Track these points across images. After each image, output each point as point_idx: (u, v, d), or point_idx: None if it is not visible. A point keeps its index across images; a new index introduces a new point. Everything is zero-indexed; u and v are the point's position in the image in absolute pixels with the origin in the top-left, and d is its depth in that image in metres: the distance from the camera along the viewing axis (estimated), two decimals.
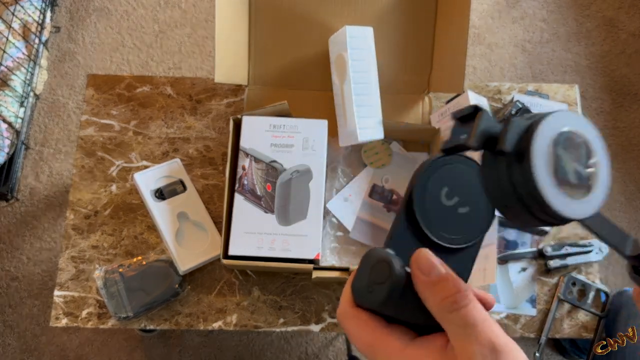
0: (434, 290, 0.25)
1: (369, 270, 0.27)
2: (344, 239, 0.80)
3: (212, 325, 0.76)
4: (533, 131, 0.22)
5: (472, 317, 0.24)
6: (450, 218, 0.29)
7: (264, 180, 0.75)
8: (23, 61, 1.43)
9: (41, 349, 1.31)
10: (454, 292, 0.24)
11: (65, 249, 0.79)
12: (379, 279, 0.26)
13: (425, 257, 0.26)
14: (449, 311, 0.24)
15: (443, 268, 0.25)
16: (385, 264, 0.26)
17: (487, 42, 1.65)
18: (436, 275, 0.25)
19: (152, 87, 0.88)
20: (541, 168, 0.22)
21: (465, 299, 0.24)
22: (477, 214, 0.29)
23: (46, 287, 1.35)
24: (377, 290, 0.26)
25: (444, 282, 0.25)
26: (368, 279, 0.26)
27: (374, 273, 0.26)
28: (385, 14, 0.83)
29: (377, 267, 0.26)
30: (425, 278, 0.25)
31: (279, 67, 0.85)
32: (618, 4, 1.68)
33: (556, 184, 0.22)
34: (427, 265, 0.25)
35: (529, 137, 0.22)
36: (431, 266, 0.25)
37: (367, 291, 0.26)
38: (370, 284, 0.26)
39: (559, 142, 0.23)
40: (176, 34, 1.61)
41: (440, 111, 0.84)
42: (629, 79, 1.61)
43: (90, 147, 0.85)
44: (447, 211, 0.29)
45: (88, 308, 0.76)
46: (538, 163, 0.22)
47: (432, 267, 0.25)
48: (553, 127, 0.23)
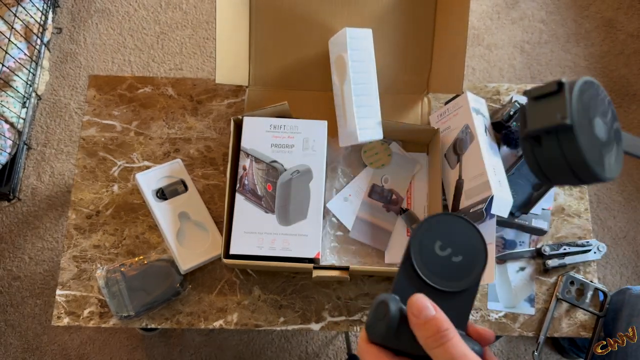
0: (422, 329, 0.30)
1: (374, 311, 0.32)
2: (344, 239, 0.80)
3: (213, 325, 0.77)
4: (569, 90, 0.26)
5: (451, 352, 0.29)
6: (446, 266, 0.34)
7: (265, 180, 0.75)
8: (25, 62, 1.44)
9: (43, 348, 1.32)
10: (437, 330, 0.30)
11: (67, 249, 0.80)
12: (379, 316, 0.31)
13: (417, 301, 0.31)
14: (434, 347, 0.30)
15: (432, 310, 0.30)
16: (384, 304, 0.31)
17: (486, 43, 1.65)
18: (424, 317, 0.30)
19: (154, 88, 0.89)
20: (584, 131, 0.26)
21: (446, 337, 0.29)
22: (470, 261, 0.34)
23: (48, 287, 1.36)
24: (378, 326, 0.31)
25: (430, 322, 0.30)
26: (372, 317, 0.32)
27: (376, 312, 0.32)
28: (385, 14, 0.84)
29: (379, 307, 0.32)
30: (416, 319, 0.31)
31: (279, 68, 0.86)
32: (617, 5, 1.69)
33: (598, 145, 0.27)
34: (418, 308, 0.31)
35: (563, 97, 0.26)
36: (421, 309, 0.30)
37: (373, 327, 0.32)
38: (374, 321, 0.32)
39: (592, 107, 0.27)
40: (177, 35, 1.61)
41: (440, 112, 0.85)
42: (628, 80, 1.61)
43: (92, 148, 0.85)
44: (442, 260, 0.34)
45: (90, 307, 0.77)
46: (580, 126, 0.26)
47: (422, 309, 0.30)
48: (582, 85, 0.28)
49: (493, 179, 0.72)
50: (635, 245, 1.46)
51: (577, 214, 0.85)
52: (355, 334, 1.34)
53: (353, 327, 0.78)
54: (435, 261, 0.34)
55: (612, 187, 1.52)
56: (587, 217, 0.85)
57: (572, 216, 0.85)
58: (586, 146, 0.27)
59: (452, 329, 0.30)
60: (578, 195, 0.86)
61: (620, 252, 1.45)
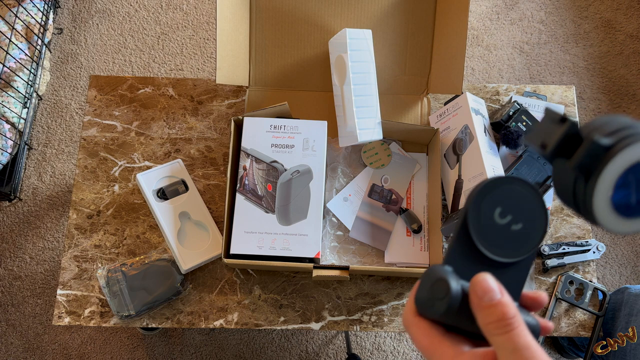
0: (484, 313, 0.28)
1: (430, 287, 0.30)
2: (344, 238, 0.81)
3: (214, 324, 0.77)
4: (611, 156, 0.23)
5: (515, 342, 0.27)
6: (504, 235, 0.31)
7: (265, 181, 0.76)
8: (26, 62, 1.44)
9: (44, 348, 1.32)
10: (501, 317, 0.27)
11: (68, 249, 0.80)
12: (438, 295, 0.29)
13: (482, 282, 0.28)
14: (496, 334, 0.27)
15: (498, 294, 0.28)
16: (444, 283, 0.29)
17: (485, 44, 1.66)
18: (488, 300, 0.28)
19: (154, 88, 0.89)
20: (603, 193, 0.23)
21: (511, 325, 0.27)
22: (530, 229, 0.31)
23: (49, 286, 1.36)
24: (437, 305, 0.29)
25: (494, 307, 0.28)
26: (429, 295, 0.30)
27: (434, 290, 0.29)
28: (385, 15, 0.84)
29: (437, 284, 0.29)
30: (479, 301, 0.28)
31: (279, 68, 0.86)
32: (616, 6, 1.69)
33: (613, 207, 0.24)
34: (482, 290, 0.28)
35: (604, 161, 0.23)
36: (485, 291, 0.28)
37: (428, 304, 0.30)
38: (430, 298, 0.30)
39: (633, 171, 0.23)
40: (178, 36, 1.62)
41: (439, 112, 0.85)
42: (627, 80, 1.62)
43: (93, 148, 0.86)
44: (501, 229, 0.31)
45: (90, 307, 0.77)
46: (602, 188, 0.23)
47: (487, 292, 0.28)
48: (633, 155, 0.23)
49: None
50: (634, 245, 1.46)
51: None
52: (355, 333, 1.35)
53: (353, 326, 0.78)
54: (494, 230, 0.31)
55: None
56: None
57: (571, 216, 0.86)
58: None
59: (518, 316, 0.27)
60: None
61: (619, 251, 1.46)
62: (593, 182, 0.24)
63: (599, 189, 0.24)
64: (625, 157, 0.23)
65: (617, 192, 0.24)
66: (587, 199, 0.24)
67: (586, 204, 0.25)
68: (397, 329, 0.78)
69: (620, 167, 0.23)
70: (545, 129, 0.26)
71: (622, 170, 0.23)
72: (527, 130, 0.81)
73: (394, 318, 0.79)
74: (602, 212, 0.25)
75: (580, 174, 0.24)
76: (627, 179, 0.23)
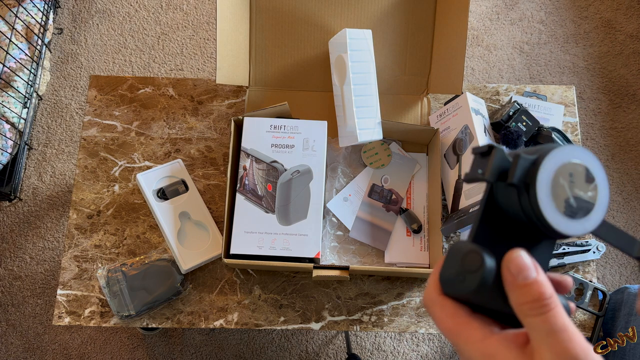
0: (519, 292, 0.26)
1: (460, 261, 0.28)
2: (344, 238, 0.81)
3: (214, 324, 0.77)
4: (538, 166, 0.26)
5: (552, 323, 0.25)
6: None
7: (265, 181, 0.76)
8: (26, 62, 1.44)
9: (44, 348, 1.33)
10: (537, 297, 0.25)
11: (68, 249, 0.80)
12: (471, 268, 0.27)
13: (517, 258, 0.26)
14: (531, 315, 0.25)
15: (534, 272, 0.26)
16: (476, 255, 0.27)
17: (485, 44, 1.66)
18: (523, 278, 0.26)
19: (154, 89, 0.89)
20: (545, 198, 0.26)
21: (548, 306, 0.25)
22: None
23: (49, 286, 1.36)
24: (469, 279, 0.27)
25: (530, 286, 0.26)
26: (458, 269, 0.28)
27: (466, 262, 0.27)
28: (385, 16, 0.84)
29: (469, 257, 0.27)
30: (513, 279, 0.26)
31: (279, 68, 0.86)
32: (616, 6, 1.69)
33: (559, 210, 0.26)
34: (517, 267, 0.26)
35: (534, 172, 0.26)
36: (520, 269, 0.26)
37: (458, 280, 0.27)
38: (461, 272, 0.27)
39: (560, 174, 0.26)
40: (178, 36, 1.62)
41: (439, 112, 0.85)
42: (627, 80, 1.62)
43: (93, 148, 0.86)
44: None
45: (91, 307, 0.77)
46: (542, 194, 0.26)
47: (521, 270, 0.26)
48: (556, 160, 0.26)
49: None
50: None
51: None
52: (355, 333, 1.35)
53: (353, 326, 0.78)
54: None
55: (611, 188, 1.52)
56: None
57: None
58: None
59: (555, 296, 0.25)
60: None
61: (619, 252, 1.46)
62: (534, 190, 0.26)
63: (540, 195, 0.26)
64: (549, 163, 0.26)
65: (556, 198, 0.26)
66: (534, 207, 0.26)
67: (535, 212, 0.26)
68: (397, 329, 0.78)
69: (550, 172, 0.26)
70: (479, 163, 0.28)
71: (552, 175, 0.26)
72: (527, 130, 0.81)
73: (394, 318, 0.79)
74: (552, 215, 0.26)
75: (521, 187, 0.26)
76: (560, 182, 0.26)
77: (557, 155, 0.26)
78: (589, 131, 1.58)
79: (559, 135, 0.80)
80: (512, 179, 0.26)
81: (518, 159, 0.26)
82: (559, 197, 0.26)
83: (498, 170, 0.27)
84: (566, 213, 0.26)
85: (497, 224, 0.29)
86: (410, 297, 0.80)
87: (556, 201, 0.26)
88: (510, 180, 0.26)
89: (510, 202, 0.28)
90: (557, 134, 0.80)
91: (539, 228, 0.27)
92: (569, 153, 0.27)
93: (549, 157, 0.26)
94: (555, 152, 0.26)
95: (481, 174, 0.27)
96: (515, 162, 0.26)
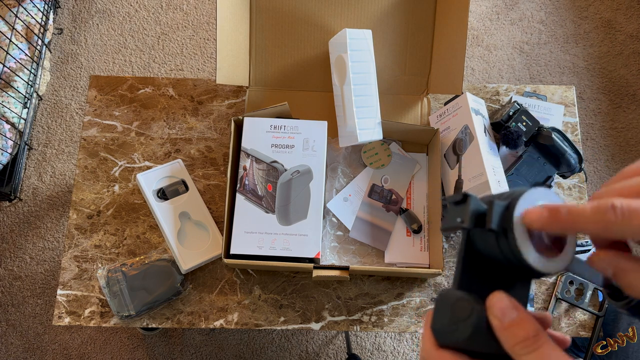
0: (507, 334, 0.26)
1: (449, 310, 0.28)
2: (344, 238, 0.81)
3: (214, 324, 0.77)
4: (512, 210, 0.27)
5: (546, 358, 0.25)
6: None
7: (265, 181, 0.76)
8: (26, 62, 1.44)
9: (44, 348, 1.33)
10: (526, 336, 0.26)
11: (68, 249, 0.80)
12: (461, 316, 0.27)
13: (499, 302, 0.27)
14: (524, 354, 0.26)
15: (516, 311, 0.26)
16: (465, 302, 0.28)
17: (485, 44, 1.66)
18: (509, 319, 0.26)
19: (154, 89, 0.89)
20: (523, 240, 0.27)
21: (538, 341, 0.25)
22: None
23: (49, 287, 1.36)
24: (461, 327, 0.27)
25: (517, 326, 0.26)
26: (450, 318, 0.28)
27: (456, 311, 0.28)
28: (385, 16, 0.84)
29: (458, 304, 0.28)
30: (499, 323, 0.26)
31: (279, 68, 0.86)
32: (616, 6, 1.69)
33: (536, 251, 0.27)
34: (500, 310, 0.27)
35: (509, 215, 0.27)
36: (504, 311, 0.27)
37: (451, 330, 0.28)
38: (453, 322, 0.28)
39: None
40: (178, 36, 1.62)
41: (439, 112, 0.85)
42: (627, 80, 1.62)
43: (93, 148, 0.86)
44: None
45: (91, 307, 0.77)
46: (520, 237, 0.27)
47: (505, 311, 0.26)
48: (527, 203, 0.27)
49: (492, 179, 0.72)
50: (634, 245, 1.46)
51: None
52: (355, 333, 1.35)
53: (353, 326, 0.78)
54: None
55: None
56: None
57: None
58: None
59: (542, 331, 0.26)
60: (577, 195, 0.87)
61: None
62: (512, 234, 0.27)
63: (519, 239, 0.27)
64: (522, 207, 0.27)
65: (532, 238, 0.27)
66: (514, 250, 0.27)
67: (515, 255, 0.27)
68: (397, 329, 0.78)
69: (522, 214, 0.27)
70: (455, 211, 0.29)
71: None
72: (527, 130, 0.81)
73: (394, 318, 0.79)
74: (532, 256, 0.27)
75: (499, 232, 0.27)
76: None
77: (529, 197, 0.28)
78: (589, 131, 1.58)
79: (559, 135, 0.80)
80: (491, 225, 0.27)
81: (493, 205, 0.27)
82: (534, 239, 0.27)
83: (475, 217, 0.27)
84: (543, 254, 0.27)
85: (477, 268, 0.30)
86: (410, 298, 0.80)
87: (533, 243, 0.27)
88: (489, 226, 0.27)
89: (489, 246, 0.29)
90: (557, 134, 0.80)
91: (517, 269, 0.28)
92: (537, 196, 0.28)
93: (521, 199, 0.27)
94: (526, 195, 0.28)
95: (460, 222, 0.28)
96: (490, 209, 0.27)
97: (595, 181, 1.52)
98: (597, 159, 1.55)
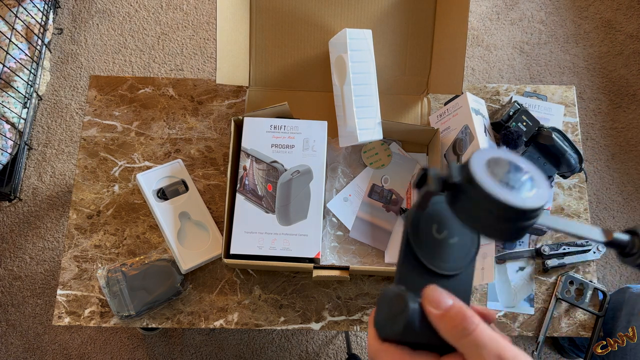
0: (444, 321, 0.28)
1: (386, 305, 0.30)
2: (344, 238, 0.81)
3: (214, 324, 0.77)
4: (468, 163, 0.29)
5: (480, 339, 0.27)
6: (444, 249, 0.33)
7: (265, 181, 0.76)
8: (26, 62, 1.44)
9: (44, 348, 1.33)
10: (461, 320, 0.28)
11: (68, 249, 0.80)
12: (396, 310, 0.29)
13: (433, 292, 0.29)
14: (460, 337, 0.28)
15: (450, 299, 0.29)
16: (400, 298, 0.30)
17: (485, 44, 1.66)
18: (444, 307, 0.29)
19: (154, 89, 0.89)
20: (488, 182, 0.28)
21: (472, 324, 0.28)
22: (465, 241, 0.34)
23: (49, 287, 1.36)
24: (398, 320, 0.29)
25: (451, 312, 0.28)
26: (386, 313, 0.30)
27: (392, 306, 0.30)
28: (385, 16, 0.84)
29: (394, 301, 0.30)
30: (435, 311, 0.29)
31: (279, 68, 0.86)
32: (616, 6, 1.69)
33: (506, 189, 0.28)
34: (434, 300, 0.29)
35: (468, 167, 0.29)
36: (439, 300, 0.29)
37: (389, 323, 0.30)
38: (389, 316, 0.30)
39: (489, 165, 0.29)
40: (178, 36, 1.62)
41: (439, 112, 0.85)
42: (627, 80, 1.62)
43: (93, 148, 0.86)
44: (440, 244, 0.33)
45: (90, 307, 0.77)
46: (483, 179, 0.28)
47: (439, 300, 0.29)
48: (480, 158, 0.29)
49: None
50: None
51: (577, 214, 0.86)
52: (355, 333, 1.35)
53: (353, 326, 0.78)
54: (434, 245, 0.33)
55: (612, 188, 1.52)
56: (587, 217, 0.86)
57: (571, 216, 0.85)
58: None
59: (476, 316, 0.28)
60: (577, 195, 0.87)
61: None
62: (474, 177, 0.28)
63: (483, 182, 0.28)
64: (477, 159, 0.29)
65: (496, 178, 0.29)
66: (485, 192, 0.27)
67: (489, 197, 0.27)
68: None
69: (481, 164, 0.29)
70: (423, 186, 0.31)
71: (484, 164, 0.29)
72: (527, 130, 0.80)
73: None
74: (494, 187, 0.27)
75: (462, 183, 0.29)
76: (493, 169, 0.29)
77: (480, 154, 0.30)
78: (589, 131, 1.58)
79: (559, 135, 0.80)
80: (452, 178, 0.29)
81: (450, 165, 0.30)
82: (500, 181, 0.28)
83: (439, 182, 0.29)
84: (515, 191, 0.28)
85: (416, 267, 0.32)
86: None
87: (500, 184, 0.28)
88: (452, 180, 0.29)
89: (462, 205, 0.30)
90: (557, 134, 0.80)
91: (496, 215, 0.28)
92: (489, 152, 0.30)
93: (474, 156, 0.29)
94: (477, 153, 0.30)
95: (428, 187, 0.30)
96: (449, 167, 0.30)
97: (596, 181, 1.52)
98: (597, 159, 1.55)
